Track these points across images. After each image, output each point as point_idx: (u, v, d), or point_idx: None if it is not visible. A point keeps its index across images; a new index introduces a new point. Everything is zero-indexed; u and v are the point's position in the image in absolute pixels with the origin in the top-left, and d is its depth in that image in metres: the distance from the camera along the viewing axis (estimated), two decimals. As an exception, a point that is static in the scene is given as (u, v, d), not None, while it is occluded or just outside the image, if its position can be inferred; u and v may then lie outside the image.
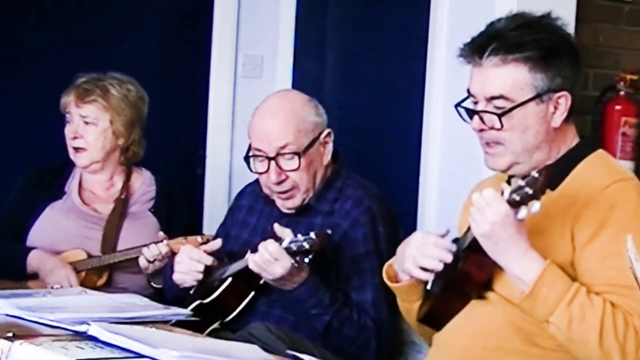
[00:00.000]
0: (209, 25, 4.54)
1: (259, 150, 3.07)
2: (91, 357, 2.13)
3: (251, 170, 3.13)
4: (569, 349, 2.35)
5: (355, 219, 3.03)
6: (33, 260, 3.50)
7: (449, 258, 2.46)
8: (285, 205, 3.10)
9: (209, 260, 3.10)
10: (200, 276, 3.10)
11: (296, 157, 3.03)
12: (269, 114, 3.08)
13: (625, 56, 4.38)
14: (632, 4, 4.38)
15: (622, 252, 2.15)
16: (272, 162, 3.04)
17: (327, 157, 3.11)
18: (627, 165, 4.13)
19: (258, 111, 3.12)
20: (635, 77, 4.29)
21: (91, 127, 3.60)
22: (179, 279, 3.14)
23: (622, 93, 4.30)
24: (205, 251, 3.13)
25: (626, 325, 2.29)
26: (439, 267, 2.46)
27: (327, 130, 3.11)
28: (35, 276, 3.50)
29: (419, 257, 2.49)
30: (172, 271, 3.18)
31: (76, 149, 3.62)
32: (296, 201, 3.09)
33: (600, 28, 4.31)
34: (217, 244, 3.17)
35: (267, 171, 3.05)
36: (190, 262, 3.11)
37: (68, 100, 3.62)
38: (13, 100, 4.22)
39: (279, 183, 3.05)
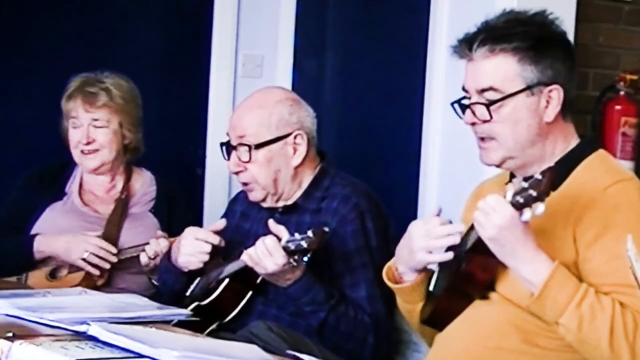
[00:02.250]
0: (209, 25, 4.54)
1: (228, 137, 3.14)
2: (91, 357, 2.13)
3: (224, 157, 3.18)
4: (578, 350, 2.34)
5: (343, 216, 3.02)
6: (41, 246, 3.50)
7: (460, 227, 2.45)
8: (249, 198, 3.14)
9: (216, 240, 3.08)
10: (207, 257, 3.07)
11: (248, 150, 3.06)
12: (243, 104, 3.17)
13: (625, 56, 4.38)
14: (632, 4, 4.38)
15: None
16: (233, 151, 3.09)
17: (296, 160, 3.09)
18: (627, 165, 4.13)
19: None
20: (635, 77, 4.29)
21: (103, 129, 3.59)
22: (184, 261, 3.10)
23: (622, 93, 4.30)
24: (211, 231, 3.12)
25: (635, 325, 2.29)
26: (457, 239, 2.44)
27: (298, 132, 3.09)
28: (37, 265, 3.50)
29: (430, 242, 2.48)
30: (168, 259, 3.17)
31: (85, 152, 3.60)
32: (257, 195, 3.12)
33: (600, 28, 4.31)
34: (221, 223, 3.15)
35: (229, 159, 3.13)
36: (197, 242, 3.08)
37: (74, 105, 3.59)
38: (13, 100, 4.22)
39: (237, 173, 3.11)
